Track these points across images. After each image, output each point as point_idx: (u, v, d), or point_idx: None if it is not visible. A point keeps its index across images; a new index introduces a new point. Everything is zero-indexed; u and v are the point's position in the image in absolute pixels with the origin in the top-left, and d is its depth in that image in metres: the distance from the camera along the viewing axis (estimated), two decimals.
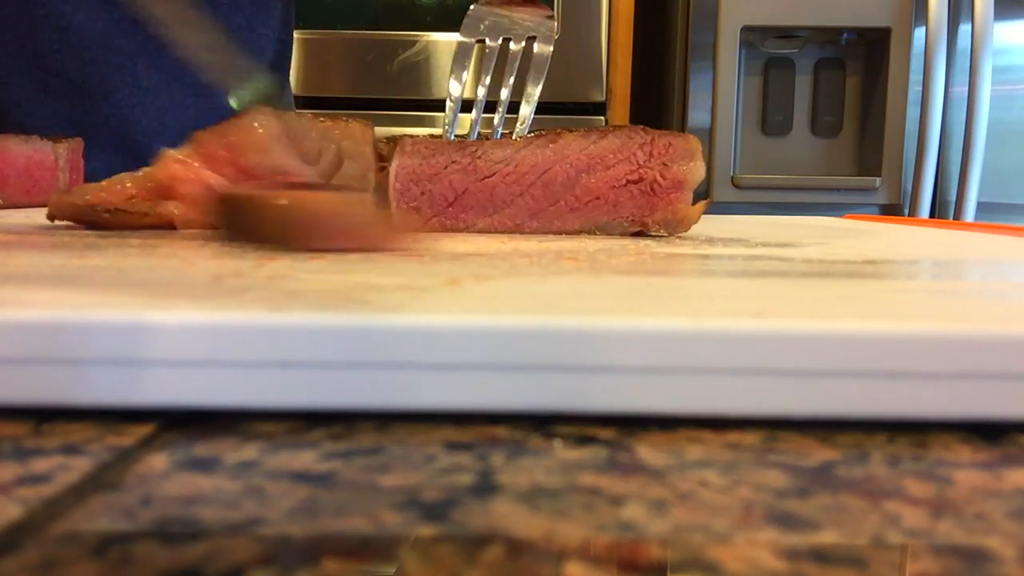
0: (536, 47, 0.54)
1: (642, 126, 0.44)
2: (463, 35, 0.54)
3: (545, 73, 0.53)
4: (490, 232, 0.43)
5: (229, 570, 0.12)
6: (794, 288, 0.24)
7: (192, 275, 0.24)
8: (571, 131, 0.43)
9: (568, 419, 0.18)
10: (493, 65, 0.53)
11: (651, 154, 0.43)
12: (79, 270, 0.25)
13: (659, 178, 0.43)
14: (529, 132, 0.45)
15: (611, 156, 0.43)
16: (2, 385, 0.17)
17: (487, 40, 0.54)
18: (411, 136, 0.43)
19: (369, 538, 0.13)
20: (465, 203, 0.43)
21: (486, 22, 0.55)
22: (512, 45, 0.54)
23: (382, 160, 0.43)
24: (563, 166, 0.43)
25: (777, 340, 0.18)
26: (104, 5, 0.71)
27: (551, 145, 0.43)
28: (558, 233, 0.43)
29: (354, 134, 0.43)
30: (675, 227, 0.44)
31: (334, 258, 0.29)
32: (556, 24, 0.56)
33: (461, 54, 0.53)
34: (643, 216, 0.43)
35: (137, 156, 0.75)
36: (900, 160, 1.35)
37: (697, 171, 0.43)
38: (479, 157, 0.42)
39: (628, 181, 0.43)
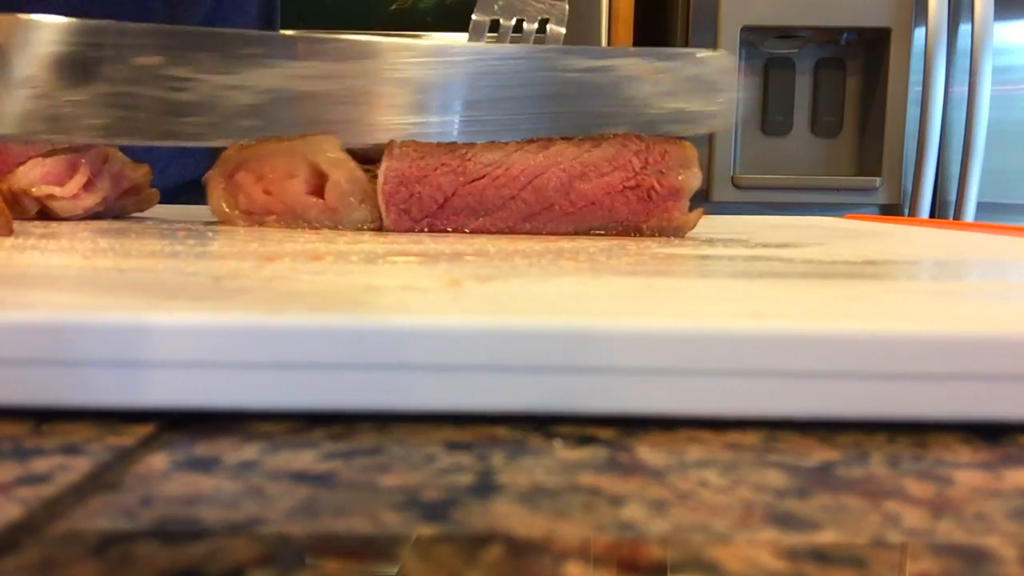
0: (549, 28, 0.55)
1: (636, 133, 0.43)
2: (477, 14, 0.55)
3: None
4: (484, 233, 0.43)
5: (229, 570, 0.12)
6: (794, 289, 0.24)
7: (192, 276, 0.24)
8: (564, 139, 0.43)
9: (568, 419, 0.18)
10: (508, 43, 0.54)
11: (647, 162, 0.42)
12: (79, 271, 0.25)
13: (656, 185, 0.43)
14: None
15: (606, 164, 0.42)
16: (2, 385, 0.17)
17: (501, 20, 0.55)
18: (400, 141, 0.43)
19: (369, 538, 0.13)
20: (455, 205, 0.42)
21: (500, 2, 0.55)
22: (525, 25, 0.55)
23: (371, 164, 0.43)
24: (556, 171, 0.42)
25: (777, 341, 0.18)
26: None
27: (542, 152, 0.42)
28: (550, 235, 0.43)
29: (321, 146, 0.43)
30: (671, 234, 0.44)
31: (334, 259, 0.29)
32: (566, 6, 0.57)
33: (475, 32, 0.54)
34: (638, 222, 0.43)
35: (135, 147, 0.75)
36: (900, 160, 1.35)
37: (693, 179, 0.43)
38: (468, 160, 0.42)
39: (625, 187, 0.43)
